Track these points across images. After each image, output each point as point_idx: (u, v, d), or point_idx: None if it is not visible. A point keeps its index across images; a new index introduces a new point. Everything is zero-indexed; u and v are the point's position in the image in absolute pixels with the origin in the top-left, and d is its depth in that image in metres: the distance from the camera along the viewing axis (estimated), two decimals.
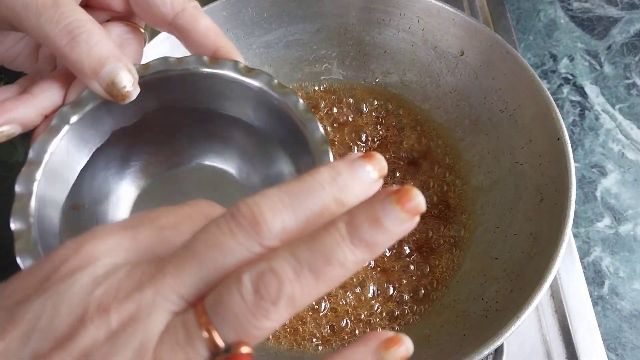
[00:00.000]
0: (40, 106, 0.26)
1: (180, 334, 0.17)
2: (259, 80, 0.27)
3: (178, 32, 0.28)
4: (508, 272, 0.39)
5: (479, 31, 0.45)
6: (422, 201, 0.17)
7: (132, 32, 0.29)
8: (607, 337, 0.46)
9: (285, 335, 0.41)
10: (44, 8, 0.23)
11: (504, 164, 0.44)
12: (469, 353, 0.33)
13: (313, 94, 0.51)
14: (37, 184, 0.25)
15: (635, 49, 0.61)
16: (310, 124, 0.26)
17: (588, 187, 0.53)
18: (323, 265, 0.17)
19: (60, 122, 0.26)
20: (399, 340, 0.18)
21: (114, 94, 0.24)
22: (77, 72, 0.24)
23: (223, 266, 0.17)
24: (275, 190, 0.18)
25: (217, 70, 0.27)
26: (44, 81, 0.26)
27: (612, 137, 0.56)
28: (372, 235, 0.17)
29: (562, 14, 0.64)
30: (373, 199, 0.17)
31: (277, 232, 0.17)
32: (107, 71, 0.24)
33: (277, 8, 0.48)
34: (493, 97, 0.45)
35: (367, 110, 0.50)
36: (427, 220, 0.45)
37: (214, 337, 0.16)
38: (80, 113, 0.26)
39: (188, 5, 0.27)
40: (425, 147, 0.48)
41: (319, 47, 0.50)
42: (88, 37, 0.23)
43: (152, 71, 0.27)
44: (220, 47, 0.27)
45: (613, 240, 0.50)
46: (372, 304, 0.42)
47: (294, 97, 0.26)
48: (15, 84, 0.27)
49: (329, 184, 0.18)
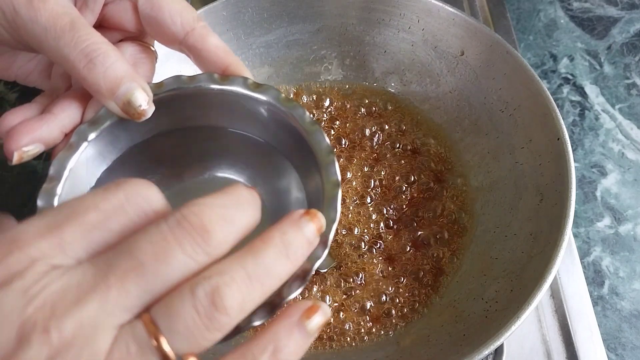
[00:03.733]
0: (61, 125, 0.27)
1: (132, 346, 0.16)
2: (267, 95, 0.28)
3: (189, 51, 0.29)
4: (508, 272, 0.39)
5: (479, 31, 0.45)
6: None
7: (145, 51, 0.30)
8: (607, 337, 0.46)
9: None
10: (62, 32, 0.24)
11: (504, 164, 0.44)
12: (469, 353, 0.33)
13: (313, 94, 0.51)
14: (57, 199, 0.25)
15: (635, 49, 0.61)
16: (316, 135, 0.27)
17: (588, 187, 0.53)
18: (265, 277, 0.18)
19: (79, 140, 0.26)
20: (317, 308, 0.19)
21: (130, 112, 0.25)
22: (95, 92, 0.25)
23: (169, 279, 0.17)
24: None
25: (227, 87, 0.28)
26: (63, 100, 0.27)
27: (612, 137, 0.56)
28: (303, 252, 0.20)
29: (562, 14, 0.64)
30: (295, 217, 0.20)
31: (223, 242, 0.18)
32: (123, 91, 0.25)
33: (277, 8, 0.48)
34: (493, 97, 0.45)
35: (366, 110, 0.50)
36: (427, 220, 0.45)
37: (164, 347, 0.17)
38: (97, 131, 0.27)
39: (197, 25, 0.28)
40: (425, 147, 0.48)
41: (319, 47, 0.50)
42: (104, 59, 0.24)
43: (166, 89, 0.28)
44: (230, 64, 0.28)
45: (613, 240, 0.50)
46: (372, 304, 0.42)
47: (301, 110, 0.27)
48: (34, 102, 0.28)
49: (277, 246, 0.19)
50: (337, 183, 0.25)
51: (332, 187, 0.25)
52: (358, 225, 0.44)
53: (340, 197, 0.25)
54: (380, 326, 0.41)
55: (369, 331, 0.41)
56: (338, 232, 0.44)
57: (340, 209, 0.25)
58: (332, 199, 0.25)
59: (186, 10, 0.28)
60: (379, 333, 0.41)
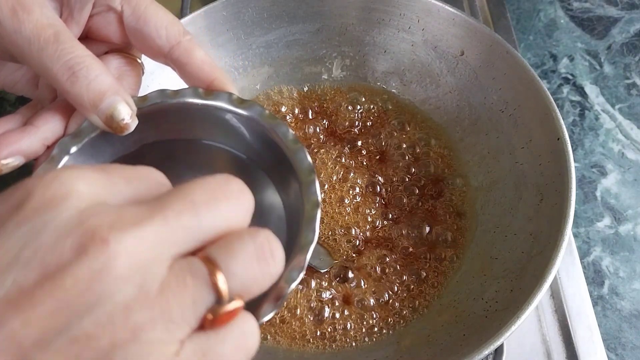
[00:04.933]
0: (43, 137, 0.27)
1: (188, 278, 0.17)
2: (251, 111, 0.28)
3: (174, 64, 0.29)
4: (508, 272, 0.39)
5: (479, 31, 0.45)
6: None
7: (130, 63, 0.30)
8: (607, 337, 0.46)
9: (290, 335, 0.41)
10: (46, 44, 0.24)
11: (504, 164, 0.44)
12: (469, 353, 0.33)
13: (313, 94, 0.51)
14: None
15: (635, 49, 0.61)
16: (298, 153, 0.27)
17: (588, 187, 0.53)
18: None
19: (61, 152, 0.26)
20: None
21: (113, 126, 0.25)
22: (78, 105, 0.25)
23: (219, 226, 0.18)
24: None
25: (212, 102, 0.28)
26: (46, 113, 0.27)
27: (612, 137, 0.56)
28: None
29: (562, 13, 0.64)
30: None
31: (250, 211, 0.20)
32: (106, 105, 0.25)
33: (277, 8, 0.48)
34: (493, 97, 0.45)
35: (366, 110, 0.50)
36: (427, 220, 0.45)
37: (220, 284, 0.17)
38: (80, 143, 0.27)
39: (183, 39, 0.28)
40: (425, 147, 0.48)
41: (319, 47, 0.50)
42: (87, 72, 0.24)
43: (150, 103, 0.27)
44: (215, 79, 0.28)
45: (613, 240, 0.50)
46: (373, 304, 0.42)
47: (284, 127, 0.27)
48: (17, 114, 0.28)
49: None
50: (317, 203, 0.25)
51: (311, 208, 0.25)
52: (357, 225, 0.44)
53: (319, 218, 0.25)
54: (380, 326, 0.41)
55: (369, 331, 0.41)
56: (337, 232, 0.44)
57: (319, 229, 0.25)
58: (311, 219, 0.25)
59: (172, 23, 0.28)
60: (379, 333, 0.41)
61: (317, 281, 0.42)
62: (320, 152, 0.47)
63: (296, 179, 0.27)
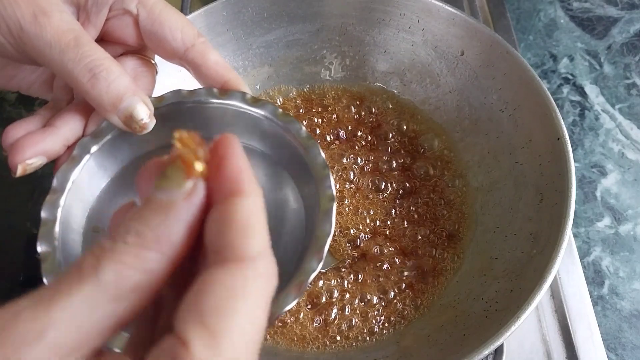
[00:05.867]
0: (64, 138, 0.27)
1: None
2: (264, 110, 0.28)
3: (189, 65, 0.29)
4: (508, 272, 0.39)
5: (479, 31, 0.45)
6: None
7: (145, 65, 0.30)
8: (607, 337, 0.46)
9: (289, 336, 0.41)
10: (67, 48, 0.25)
11: (504, 164, 0.44)
12: (469, 353, 0.33)
13: (313, 94, 0.51)
14: (60, 210, 0.26)
15: (635, 49, 0.61)
16: (312, 149, 0.28)
17: (588, 187, 0.53)
18: None
19: (82, 152, 0.27)
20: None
21: (132, 126, 0.26)
22: (97, 106, 0.26)
23: None
24: None
25: (226, 101, 0.28)
26: (66, 114, 0.28)
27: (612, 137, 0.56)
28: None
29: (562, 13, 0.64)
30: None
31: None
32: (125, 105, 0.26)
33: (277, 8, 0.48)
34: (493, 97, 0.45)
35: (366, 110, 0.50)
36: (427, 221, 0.45)
37: None
38: (99, 143, 0.28)
39: (198, 41, 0.29)
40: (425, 147, 0.48)
41: (319, 47, 0.50)
42: (107, 74, 0.25)
43: (166, 103, 0.28)
44: (229, 79, 0.29)
45: (613, 240, 0.50)
46: (373, 304, 0.42)
47: (297, 124, 0.28)
48: (37, 115, 0.29)
49: None
50: (332, 197, 0.26)
51: (327, 201, 0.26)
52: (358, 226, 0.44)
53: (335, 211, 0.26)
54: (381, 326, 0.41)
55: (370, 331, 0.41)
56: (337, 232, 0.44)
57: (335, 221, 0.25)
58: (327, 212, 0.25)
59: (187, 26, 0.29)
60: (379, 333, 0.41)
61: (317, 281, 0.42)
62: None
63: (311, 175, 0.27)
